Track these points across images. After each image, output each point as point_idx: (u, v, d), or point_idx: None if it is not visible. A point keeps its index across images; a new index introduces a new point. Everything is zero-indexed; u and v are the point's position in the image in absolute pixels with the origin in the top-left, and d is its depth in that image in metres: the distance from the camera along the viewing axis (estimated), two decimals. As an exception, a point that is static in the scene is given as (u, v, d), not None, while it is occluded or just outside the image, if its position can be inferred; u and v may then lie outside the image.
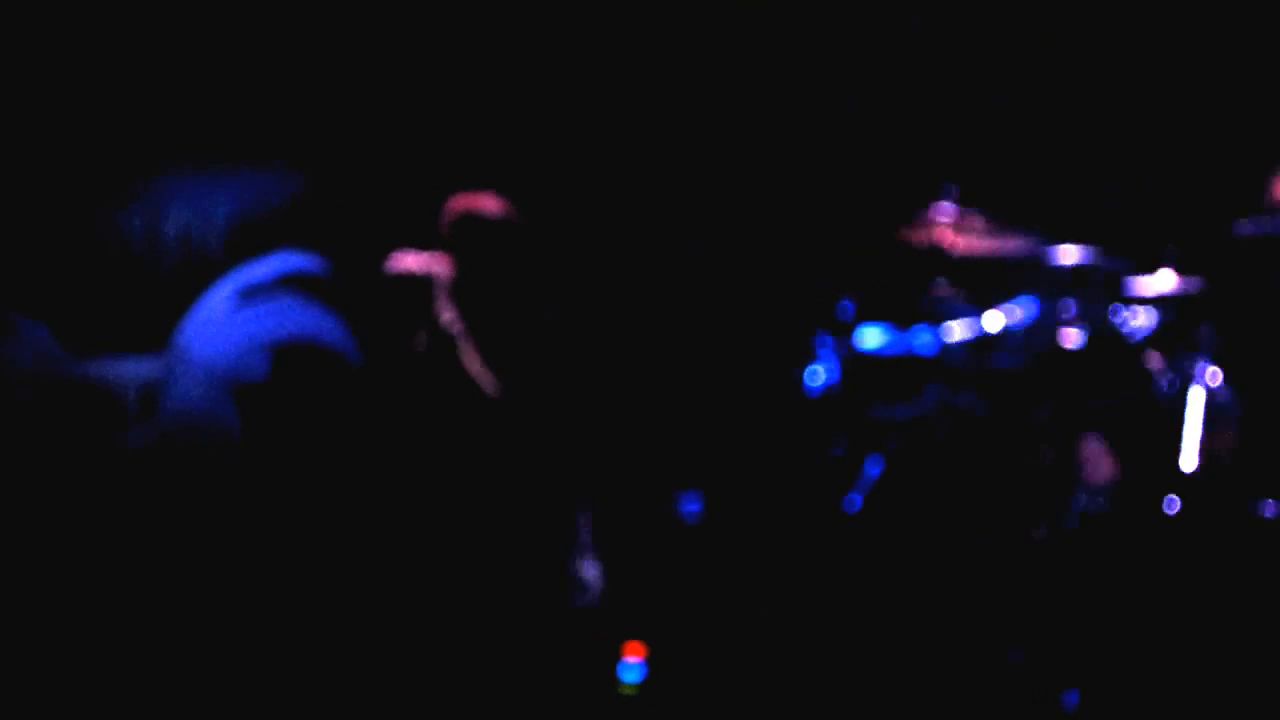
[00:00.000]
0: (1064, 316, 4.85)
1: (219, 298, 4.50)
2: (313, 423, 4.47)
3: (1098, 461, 4.82)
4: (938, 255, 5.01)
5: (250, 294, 4.48)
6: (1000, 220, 4.99)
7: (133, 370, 4.44)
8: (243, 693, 4.37)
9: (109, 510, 4.35)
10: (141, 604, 4.36)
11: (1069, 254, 4.92)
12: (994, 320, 4.90)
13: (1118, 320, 4.94)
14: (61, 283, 4.49)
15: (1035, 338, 4.87)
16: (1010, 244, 5.02)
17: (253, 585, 4.38)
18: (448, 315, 3.53)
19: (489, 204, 3.71)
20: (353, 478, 4.45)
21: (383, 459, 4.28)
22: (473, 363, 3.52)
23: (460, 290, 3.63)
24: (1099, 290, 4.98)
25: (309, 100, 4.79)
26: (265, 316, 4.47)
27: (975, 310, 4.95)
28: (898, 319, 5.10)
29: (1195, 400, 4.80)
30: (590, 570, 3.70)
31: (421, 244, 4.08)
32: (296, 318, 4.47)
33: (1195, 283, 4.95)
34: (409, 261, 3.57)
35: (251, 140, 4.69)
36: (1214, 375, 4.87)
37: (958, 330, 4.96)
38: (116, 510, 4.36)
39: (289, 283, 4.51)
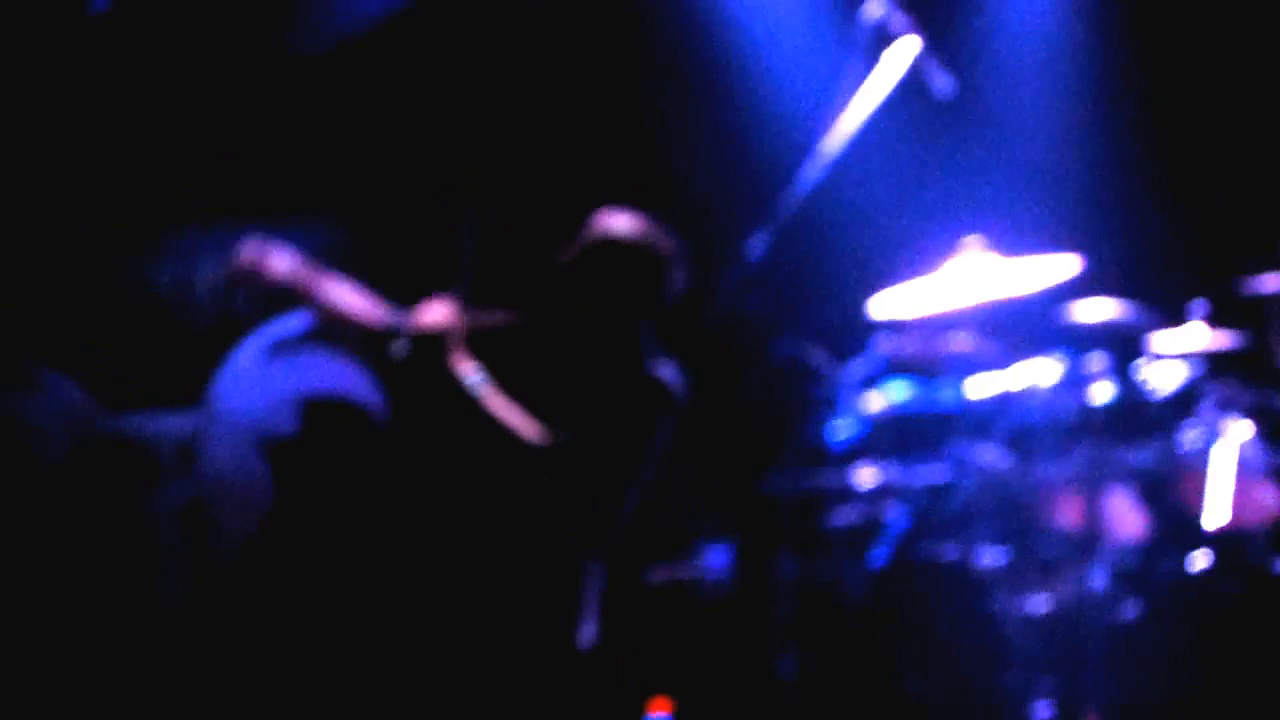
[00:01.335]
0: (1092, 371, 4.83)
1: (250, 353, 4.54)
2: (342, 475, 4.50)
3: (1125, 518, 4.81)
4: (961, 309, 5.01)
5: (280, 349, 4.52)
6: (1026, 274, 4.99)
7: (166, 426, 4.48)
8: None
9: (144, 564, 4.38)
10: (184, 655, 4.38)
11: (1097, 308, 4.91)
12: (1021, 375, 4.89)
13: (1146, 375, 4.93)
14: (94, 339, 4.54)
15: (1063, 393, 4.86)
16: (1036, 298, 5.01)
17: (286, 634, 4.40)
18: (466, 366, 3.54)
19: (627, 225, 3.69)
20: (381, 529, 4.47)
21: (409, 510, 4.30)
22: (504, 411, 3.52)
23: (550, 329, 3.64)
24: (1128, 345, 4.98)
25: (338, 157, 4.85)
26: (295, 371, 4.51)
27: (1002, 365, 4.95)
28: (923, 373, 5.09)
29: (1224, 456, 4.79)
30: (588, 630, 3.69)
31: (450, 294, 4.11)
32: (325, 372, 4.51)
33: (1226, 337, 4.94)
34: (432, 314, 3.57)
35: (283, 197, 4.74)
36: (1245, 431, 4.86)
37: (984, 385, 4.95)
38: (151, 562, 4.39)
39: (317, 338, 4.55)
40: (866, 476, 5.01)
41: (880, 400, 5.05)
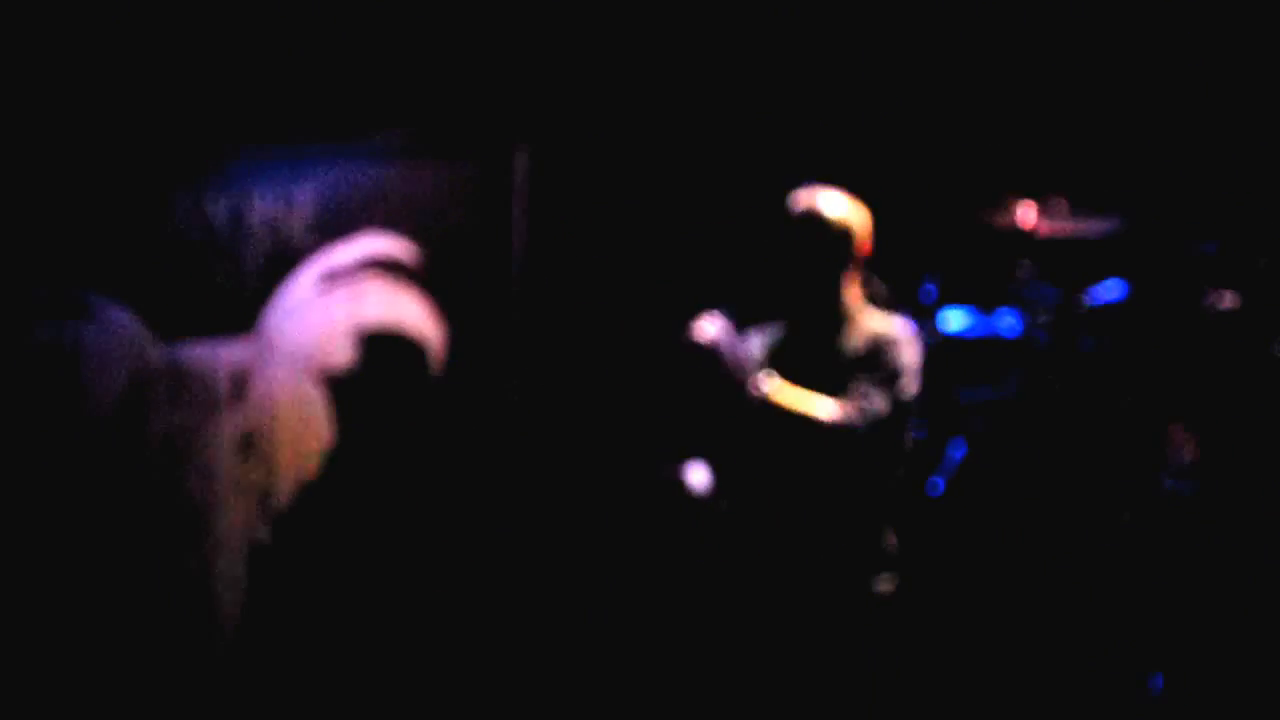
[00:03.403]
0: (1150, 299, 4.82)
1: (305, 282, 4.54)
2: (398, 406, 4.50)
3: (1183, 443, 4.79)
4: (1021, 238, 4.99)
5: (335, 278, 4.52)
6: (1085, 203, 4.96)
7: (221, 355, 4.48)
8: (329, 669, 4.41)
9: (201, 491, 4.40)
10: (242, 584, 4.40)
11: (1155, 236, 4.90)
12: (1079, 303, 4.88)
13: (1205, 302, 4.90)
14: (149, 268, 4.55)
15: (1120, 320, 4.84)
16: (1095, 227, 4.99)
17: (346, 560, 4.42)
18: (757, 378, 3.74)
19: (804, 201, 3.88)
20: (445, 463, 4.48)
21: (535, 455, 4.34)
22: (799, 401, 3.72)
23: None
24: (1185, 273, 4.95)
25: (395, 84, 4.83)
26: (351, 302, 4.51)
27: (1059, 293, 4.92)
28: (981, 302, 5.08)
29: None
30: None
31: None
32: (381, 303, 4.50)
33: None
34: (707, 333, 3.73)
35: (336, 125, 4.73)
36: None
37: (1042, 313, 4.93)
38: (207, 491, 4.40)
39: (374, 267, 4.54)
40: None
41: (940, 327, 5.05)
